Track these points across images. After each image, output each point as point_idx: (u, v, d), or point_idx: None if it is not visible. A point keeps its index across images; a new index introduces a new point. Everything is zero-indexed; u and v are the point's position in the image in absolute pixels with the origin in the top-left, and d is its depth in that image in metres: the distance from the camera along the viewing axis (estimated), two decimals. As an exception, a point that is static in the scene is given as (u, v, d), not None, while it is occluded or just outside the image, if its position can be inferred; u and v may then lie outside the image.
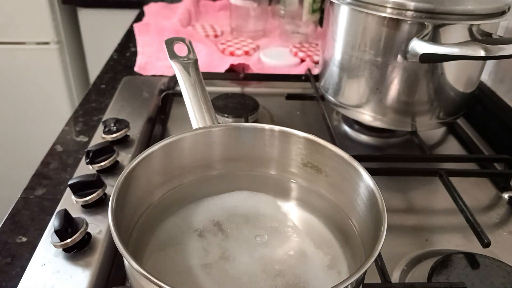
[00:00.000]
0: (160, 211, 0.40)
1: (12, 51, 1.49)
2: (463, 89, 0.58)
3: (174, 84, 0.78)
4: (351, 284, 0.27)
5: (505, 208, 0.54)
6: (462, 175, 0.56)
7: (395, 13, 0.51)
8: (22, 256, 0.43)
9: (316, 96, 0.70)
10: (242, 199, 0.43)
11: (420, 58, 0.50)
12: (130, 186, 0.35)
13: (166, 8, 1.17)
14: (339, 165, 0.39)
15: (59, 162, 0.57)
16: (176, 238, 0.38)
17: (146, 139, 0.62)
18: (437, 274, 0.41)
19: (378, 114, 0.59)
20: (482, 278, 0.41)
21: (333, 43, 0.60)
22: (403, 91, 0.56)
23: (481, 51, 0.46)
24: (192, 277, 0.35)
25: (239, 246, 0.38)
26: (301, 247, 0.38)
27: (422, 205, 0.54)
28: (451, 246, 0.47)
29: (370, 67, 0.56)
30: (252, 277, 0.35)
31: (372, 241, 0.31)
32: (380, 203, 0.33)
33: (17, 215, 0.48)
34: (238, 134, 0.42)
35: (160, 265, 0.35)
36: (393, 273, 0.43)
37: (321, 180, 0.41)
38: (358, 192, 0.37)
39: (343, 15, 0.57)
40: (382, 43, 0.54)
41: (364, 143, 0.66)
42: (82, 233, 0.41)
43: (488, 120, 0.69)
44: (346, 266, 0.36)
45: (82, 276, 0.39)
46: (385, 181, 0.55)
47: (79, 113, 0.69)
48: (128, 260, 0.27)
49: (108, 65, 0.89)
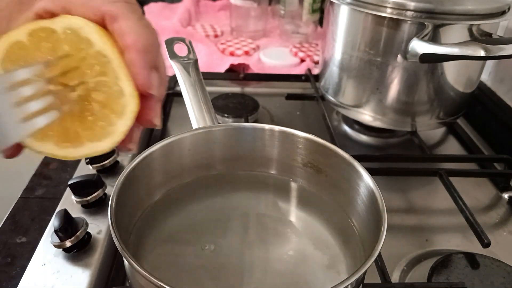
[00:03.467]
0: (160, 211, 0.40)
1: (12, 51, 1.49)
2: (463, 89, 0.58)
3: (174, 84, 0.78)
4: (351, 284, 0.27)
5: (505, 208, 0.54)
6: (462, 175, 0.56)
7: (395, 13, 0.51)
8: (22, 256, 0.43)
9: (316, 96, 0.70)
10: (242, 199, 0.43)
11: (420, 58, 0.50)
12: (130, 186, 0.35)
13: (166, 8, 1.16)
14: (339, 165, 0.39)
15: (59, 162, 0.57)
16: (176, 238, 0.38)
17: (146, 139, 0.62)
18: (437, 274, 0.41)
19: (378, 114, 0.59)
20: (482, 278, 0.41)
21: (333, 43, 0.60)
22: (403, 91, 0.56)
23: (481, 51, 0.46)
24: (192, 277, 0.35)
25: (239, 246, 0.38)
26: (301, 247, 0.38)
27: (422, 205, 0.54)
28: (451, 246, 0.47)
29: (370, 67, 0.56)
30: (251, 277, 0.35)
31: (372, 241, 0.31)
32: (380, 203, 0.33)
33: (17, 215, 0.48)
34: (238, 134, 0.42)
35: (160, 265, 0.35)
36: (393, 273, 0.43)
37: (321, 180, 0.41)
38: (358, 192, 0.37)
39: (343, 15, 0.57)
40: (382, 43, 0.54)
41: (364, 143, 0.66)
42: (82, 233, 0.41)
43: (488, 120, 0.69)
44: (345, 266, 0.36)
45: (82, 276, 0.39)
46: (385, 181, 0.55)
47: (79, 113, 0.69)
48: (128, 260, 0.27)
49: (108, 65, 0.88)
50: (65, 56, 0.23)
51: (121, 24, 0.23)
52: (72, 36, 0.22)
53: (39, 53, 0.23)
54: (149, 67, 0.24)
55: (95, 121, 0.25)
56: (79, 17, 0.22)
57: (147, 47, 0.23)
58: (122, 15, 0.23)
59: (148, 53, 0.23)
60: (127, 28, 0.23)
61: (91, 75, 0.23)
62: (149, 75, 0.24)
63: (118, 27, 0.23)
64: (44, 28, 0.23)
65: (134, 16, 0.23)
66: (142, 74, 0.23)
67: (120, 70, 0.23)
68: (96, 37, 0.22)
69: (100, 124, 0.25)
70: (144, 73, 0.23)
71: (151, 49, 0.23)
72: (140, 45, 0.23)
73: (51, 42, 0.23)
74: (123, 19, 0.23)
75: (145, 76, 0.23)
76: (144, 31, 0.23)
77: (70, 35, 0.23)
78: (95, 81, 0.23)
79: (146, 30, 0.23)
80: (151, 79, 0.24)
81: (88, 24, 0.22)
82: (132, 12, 0.23)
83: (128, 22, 0.23)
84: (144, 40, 0.23)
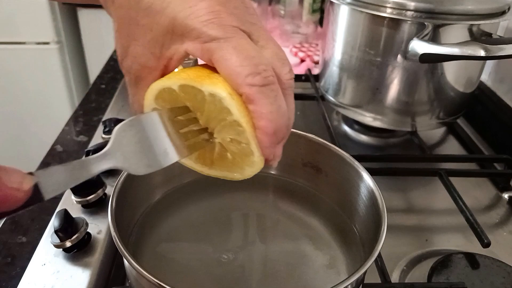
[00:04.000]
0: (160, 211, 0.40)
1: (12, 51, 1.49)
2: (463, 89, 0.58)
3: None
4: (351, 284, 0.27)
5: (505, 208, 0.54)
6: (462, 175, 0.56)
7: (395, 13, 0.51)
8: (22, 256, 0.43)
9: (316, 96, 0.70)
10: (242, 199, 0.43)
11: (420, 58, 0.50)
12: (130, 186, 0.35)
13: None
14: (339, 165, 0.39)
15: (59, 162, 0.57)
16: (176, 238, 0.38)
17: (146, 139, 0.62)
18: (437, 274, 0.41)
19: (378, 114, 0.59)
20: (482, 278, 0.41)
21: (333, 43, 0.60)
22: (403, 91, 0.56)
23: (481, 51, 0.46)
24: (192, 277, 0.35)
25: (239, 246, 0.38)
26: (301, 247, 0.38)
27: (422, 205, 0.54)
28: (451, 246, 0.47)
29: (370, 67, 0.56)
30: (251, 277, 0.35)
31: (372, 241, 0.31)
32: (380, 203, 0.33)
33: (17, 215, 0.48)
34: (238, 134, 0.42)
35: (160, 265, 0.35)
36: (393, 273, 0.43)
37: (321, 180, 0.41)
38: (358, 192, 0.37)
39: (343, 15, 0.57)
40: (382, 43, 0.54)
41: (364, 143, 0.66)
42: (82, 233, 0.41)
43: (488, 120, 0.69)
44: (345, 266, 0.36)
45: (82, 276, 0.39)
46: (385, 181, 0.55)
47: (79, 113, 0.69)
48: (128, 260, 0.27)
49: (108, 65, 0.89)
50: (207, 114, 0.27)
51: (254, 108, 0.25)
52: (215, 101, 0.26)
53: (186, 102, 0.27)
54: (274, 146, 0.27)
55: (227, 159, 0.29)
56: (224, 88, 0.25)
57: (276, 132, 0.26)
58: (257, 100, 0.25)
59: (276, 135, 0.26)
60: (259, 113, 0.25)
61: (227, 133, 0.27)
62: (273, 151, 0.27)
63: (253, 109, 0.25)
64: (193, 86, 0.26)
65: (267, 101, 0.25)
66: (267, 151, 0.27)
67: (252, 140, 0.26)
68: (235, 110, 0.25)
69: (231, 163, 0.29)
70: (269, 151, 0.27)
71: (279, 133, 0.26)
72: (270, 130, 0.26)
73: (197, 99, 0.27)
74: (257, 104, 0.25)
75: (269, 153, 0.27)
76: (275, 117, 0.26)
77: (213, 100, 0.26)
78: (231, 138, 0.27)
79: (277, 115, 0.26)
80: (275, 153, 0.28)
81: (230, 97, 0.25)
82: (265, 96, 0.25)
83: (262, 108, 0.25)
84: (274, 126, 0.26)
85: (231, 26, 0.26)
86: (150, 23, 0.27)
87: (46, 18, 1.44)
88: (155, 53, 0.28)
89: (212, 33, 0.25)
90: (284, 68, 0.28)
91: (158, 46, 0.28)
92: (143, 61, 0.28)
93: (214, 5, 0.26)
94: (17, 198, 0.22)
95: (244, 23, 0.26)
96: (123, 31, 0.29)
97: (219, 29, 0.25)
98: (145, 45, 0.28)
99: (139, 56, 0.28)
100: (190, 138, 0.28)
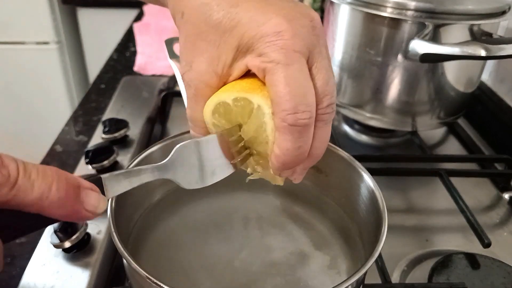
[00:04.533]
0: (160, 211, 0.40)
1: (12, 51, 1.49)
2: (464, 89, 0.58)
3: (174, 84, 0.78)
4: (351, 284, 0.27)
5: (505, 208, 0.54)
6: (462, 175, 0.56)
7: (396, 13, 0.51)
8: (22, 256, 0.43)
9: (316, 96, 0.70)
10: (242, 199, 0.42)
11: (421, 58, 0.50)
12: (130, 186, 0.35)
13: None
14: (340, 165, 0.39)
15: (59, 162, 0.57)
16: (176, 238, 0.38)
17: (146, 139, 0.62)
18: (438, 275, 0.41)
19: (378, 114, 0.59)
20: (482, 278, 0.41)
21: (333, 43, 0.60)
22: (403, 91, 0.56)
23: (481, 51, 0.46)
24: (191, 277, 0.35)
25: (239, 246, 0.38)
26: (301, 247, 0.38)
27: (422, 205, 0.54)
28: (452, 246, 0.47)
29: (370, 67, 0.56)
30: (251, 277, 0.35)
31: (373, 241, 0.31)
32: (381, 203, 0.33)
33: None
34: (238, 134, 0.42)
35: (160, 265, 0.35)
36: (393, 273, 0.43)
37: (321, 180, 0.41)
38: (358, 192, 0.37)
39: (343, 14, 0.57)
40: (383, 43, 0.54)
41: (364, 143, 0.66)
42: (81, 233, 0.40)
43: (488, 120, 0.69)
44: (345, 267, 0.36)
45: (82, 276, 0.39)
46: (385, 181, 0.55)
47: (79, 113, 0.69)
48: (128, 260, 0.27)
49: (108, 65, 0.88)
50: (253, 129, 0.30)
51: (277, 137, 0.27)
52: (259, 114, 0.28)
53: (237, 116, 0.30)
54: (281, 171, 0.29)
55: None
56: (269, 106, 0.27)
57: (285, 164, 0.28)
58: (281, 133, 0.27)
59: (284, 166, 0.28)
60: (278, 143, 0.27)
61: (259, 146, 0.30)
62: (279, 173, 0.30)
63: (276, 136, 0.27)
64: (245, 98, 0.28)
65: (290, 137, 0.27)
66: (276, 172, 0.30)
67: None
68: (269, 129, 0.28)
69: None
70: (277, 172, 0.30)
71: (287, 165, 0.28)
72: (280, 160, 0.28)
73: (246, 111, 0.29)
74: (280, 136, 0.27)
75: (277, 173, 0.30)
76: (289, 153, 0.27)
77: (258, 113, 0.28)
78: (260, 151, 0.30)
79: (292, 152, 0.27)
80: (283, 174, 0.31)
81: (270, 116, 0.27)
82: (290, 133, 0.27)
83: (281, 141, 0.27)
84: (284, 160, 0.28)
85: (293, 51, 0.26)
86: (217, 40, 0.28)
87: (46, 18, 1.45)
88: (217, 72, 0.29)
89: (272, 55, 0.26)
90: (325, 100, 0.29)
91: (221, 65, 0.28)
92: (206, 79, 0.29)
93: (282, 22, 0.26)
94: (89, 218, 0.25)
95: (306, 46, 0.27)
96: (188, 44, 0.29)
97: (279, 52, 0.26)
98: (209, 62, 0.29)
99: (202, 73, 0.29)
100: (237, 155, 0.31)
